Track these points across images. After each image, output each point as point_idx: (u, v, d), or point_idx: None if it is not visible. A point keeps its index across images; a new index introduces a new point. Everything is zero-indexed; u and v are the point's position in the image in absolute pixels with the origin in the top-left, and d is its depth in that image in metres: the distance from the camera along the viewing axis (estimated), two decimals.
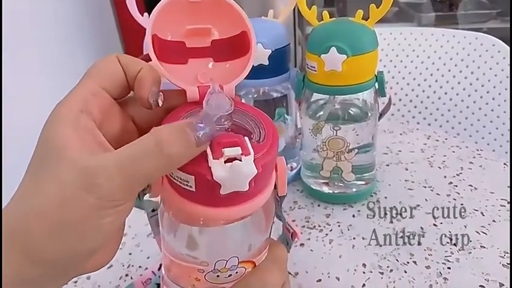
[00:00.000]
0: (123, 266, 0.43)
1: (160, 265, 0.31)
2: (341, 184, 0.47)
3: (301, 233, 0.44)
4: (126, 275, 0.41)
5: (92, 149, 0.19)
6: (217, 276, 0.26)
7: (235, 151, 0.20)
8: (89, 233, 0.18)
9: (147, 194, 0.24)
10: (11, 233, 0.18)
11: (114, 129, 0.23)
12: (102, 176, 0.18)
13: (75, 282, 0.41)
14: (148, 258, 0.43)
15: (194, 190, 0.21)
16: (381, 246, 0.42)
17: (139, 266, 0.42)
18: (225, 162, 0.20)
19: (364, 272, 0.39)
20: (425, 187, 0.50)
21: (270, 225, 0.28)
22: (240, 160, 0.20)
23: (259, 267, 0.27)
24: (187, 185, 0.21)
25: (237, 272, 0.26)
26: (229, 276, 0.26)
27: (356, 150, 0.45)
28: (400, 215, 0.46)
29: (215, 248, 0.26)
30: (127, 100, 0.24)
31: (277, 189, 0.25)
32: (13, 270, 0.17)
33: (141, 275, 0.39)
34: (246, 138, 0.21)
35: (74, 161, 0.18)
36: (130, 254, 0.44)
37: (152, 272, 0.36)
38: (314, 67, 0.42)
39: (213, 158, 0.20)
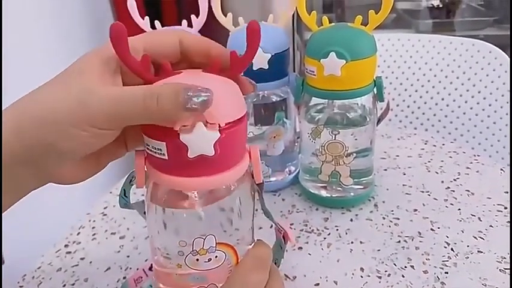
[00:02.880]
0: (121, 268, 0.42)
1: (151, 265, 0.32)
2: (339, 188, 0.47)
3: (299, 237, 0.44)
4: (124, 278, 0.41)
5: (104, 82, 0.23)
6: (197, 260, 0.26)
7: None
8: (66, 137, 0.22)
9: (134, 185, 0.27)
10: (12, 119, 0.22)
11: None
12: (95, 102, 0.22)
13: (73, 284, 0.41)
14: (146, 260, 0.43)
15: (167, 158, 0.23)
16: (378, 250, 0.42)
17: (137, 269, 0.42)
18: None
19: (362, 276, 0.39)
20: (422, 192, 0.51)
21: (251, 215, 0.29)
22: (206, 125, 0.22)
23: (239, 267, 0.27)
24: (161, 153, 0.23)
25: (216, 257, 0.26)
26: (208, 260, 0.26)
27: (354, 154, 0.45)
28: (398, 219, 0.46)
29: (191, 225, 0.27)
30: None
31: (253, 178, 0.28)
32: (7, 149, 0.22)
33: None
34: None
35: (86, 84, 0.22)
36: (128, 256, 0.44)
37: (143, 270, 0.36)
38: (313, 71, 0.42)
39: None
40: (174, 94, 0.21)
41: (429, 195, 0.50)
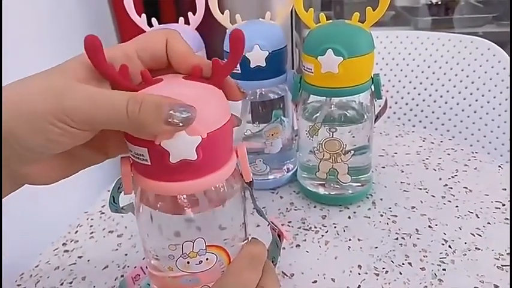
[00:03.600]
0: (119, 266, 0.42)
1: None
2: (337, 186, 0.47)
3: (297, 235, 0.44)
4: (122, 276, 0.41)
5: (87, 83, 0.22)
6: (188, 263, 0.26)
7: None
8: (33, 130, 0.21)
9: (122, 193, 0.27)
10: None
11: None
12: (71, 97, 0.21)
13: (70, 282, 0.41)
14: (144, 259, 0.43)
15: (150, 163, 0.23)
16: (376, 247, 0.42)
17: (135, 267, 0.42)
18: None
19: (359, 274, 0.39)
20: (420, 189, 0.51)
21: (241, 214, 0.29)
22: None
23: (232, 266, 0.27)
24: (143, 159, 0.23)
25: (207, 259, 0.26)
26: (199, 263, 0.26)
27: (352, 152, 0.45)
28: (396, 216, 0.46)
29: (180, 228, 0.27)
30: None
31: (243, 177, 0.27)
32: None
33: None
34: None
35: (64, 80, 0.22)
36: (126, 254, 0.44)
37: (141, 268, 0.36)
38: (311, 69, 0.42)
39: None
40: (156, 106, 0.21)
41: (427, 192, 0.50)
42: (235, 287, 0.26)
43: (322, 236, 0.44)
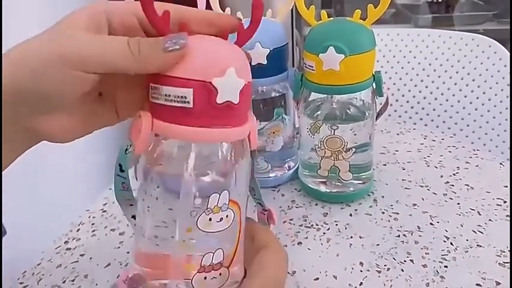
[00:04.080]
0: (121, 264, 0.42)
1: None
2: (338, 183, 0.48)
3: (298, 232, 0.45)
4: None
5: (88, 32, 0.23)
6: (210, 220, 0.26)
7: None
8: (53, 81, 0.22)
9: (130, 151, 0.25)
10: None
11: None
12: (81, 44, 0.22)
13: (73, 280, 0.41)
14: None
15: (191, 106, 0.23)
16: (378, 245, 0.42)
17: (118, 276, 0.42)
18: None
19: (361, 271, 0.39)
20: (422, 186, 0.51)
21: (249, 178, 0.29)
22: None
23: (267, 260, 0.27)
24: (185, 101, 0.23)
25: (227, 216, 0.26)
26: (220, 220, 0.26)
27: (353, 149, 0.45)
28: (397, 214, 0.46)
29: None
30: None
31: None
32: None
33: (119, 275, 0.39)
34: None
35: (67, 30, 0.23)
36: (128, 252, 0.44)
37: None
38: (312, 66, 0.42)
39: None
40: (153, 41, 0.23)
41: (428, 189, 0.50)
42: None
43: (324, 233, 0.44)
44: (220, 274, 0.27)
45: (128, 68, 0.23)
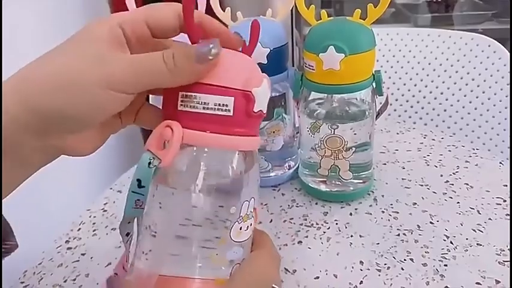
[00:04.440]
0: None
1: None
2: (339, 182, 0.48)
3: (299, 231, 0.45)
4: None
5: (115, 50, 0.23)
6: (240, 229, 0.25)
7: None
8: (86, 101, 0.21)
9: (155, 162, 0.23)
10: (12, 87, 0.21)
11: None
12: (114, 61, 0.22)
13: (74, 279, 0.41)
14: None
15: (232, 114, 0.23)
16: (378, 244, 0.42)
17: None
18: None
19: (361, 270, 0.39)
20: (421, 185, 0.51)
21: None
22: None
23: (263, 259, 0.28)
24: (225, 109, 0.23)
25: (251, 224, 0.26)
26: (247, 228, 0.26)
27: (354, 148, 0.45)
28: (397, 213, 0.46)
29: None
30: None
31: None
32: (9, 119, 0.21)
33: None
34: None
35: (100, 49, 0.22)
36: (129, 252, 0.44)
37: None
38: (312, 66, 0.42)
39: None
40: (185, 52, 0.23)
41: (428, 188, 0.50)
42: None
43: (324, 232, 0.44)
44: None
45: (164, 83, 0.23)
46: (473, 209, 0.46)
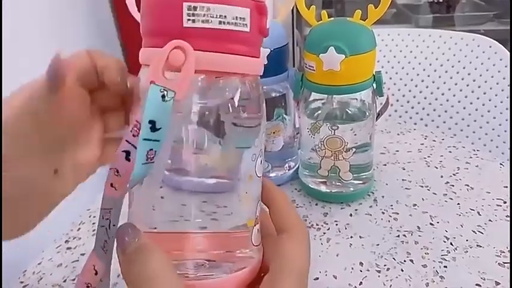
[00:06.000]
0: None
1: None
2: (339, 183, 0.48)
3: None
4: None
5: None
6: (261, 162, 0.24)
7: None
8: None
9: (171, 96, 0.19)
10: None
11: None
12: None
13: (73, 279, 0.41)
14: None
15: (248, 29, 0.20)
16: (378, 245, 0.42)
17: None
18: None
19: (361, 271, 0.39)
20: (422, 186, 0.51)
21: None
22: None
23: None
24: (242, 23, 0.19)
25: (264, 160, 0.24)
26: (261, 163, 0.24)
27: (354, 149, 0.45)
28: (397, 214, 0.46)
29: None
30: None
31: None
32: None
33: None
34: None
35: None
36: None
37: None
38: (312, 67, 0.42)
39: None
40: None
41: (428, 190, 0.50)
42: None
43: (324, 233, 0.44)
44: (259, 226, 0.25)
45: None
46: (473, 210, 0.46)
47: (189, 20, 0.19)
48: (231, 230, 0.24)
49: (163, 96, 0.18)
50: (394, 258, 0.40)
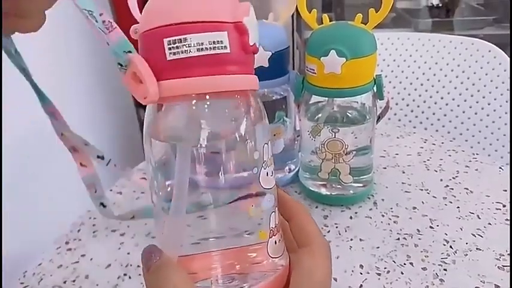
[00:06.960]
0: (122, 265, 0.43)
1: None
2: (339, 186, 0.48)
3: None
4: (125, 274, 0.41)
5: None
6: (267, 174, 0.24)
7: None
8: None
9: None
10: None
11: None
12: None
13: (74, 281, 0.41)
14: None
15: (229, 50, 0.21)
16: (378, 247, 0.42)
17: (138, 266, 0.42)
18: None
19: (361, 273, 0.39)
20: (421, 190, 0.51)
21: None
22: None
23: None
24: (221, 46, 0.21)
25: (272, 172, 0.25)
26: (271, 174, 0.25)
27: (354, 152, 0.45)
28: (397, 217, 0.46)
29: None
30: None
31: None
32: None
33: None
34: None
35: None
36: (128, 253, 0.44)
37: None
38: (313, 70, 0.42)
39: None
40: None
41: (428, 193, 0.50)
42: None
43: (324, 236, 0.44)
44: (280, 237, 0.25)
45: None
46: (473, 213, 0.46)
47: (170, 53, 0.20)
48: (244, 245, 0.25)
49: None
50: (394, 261, 0.40)
